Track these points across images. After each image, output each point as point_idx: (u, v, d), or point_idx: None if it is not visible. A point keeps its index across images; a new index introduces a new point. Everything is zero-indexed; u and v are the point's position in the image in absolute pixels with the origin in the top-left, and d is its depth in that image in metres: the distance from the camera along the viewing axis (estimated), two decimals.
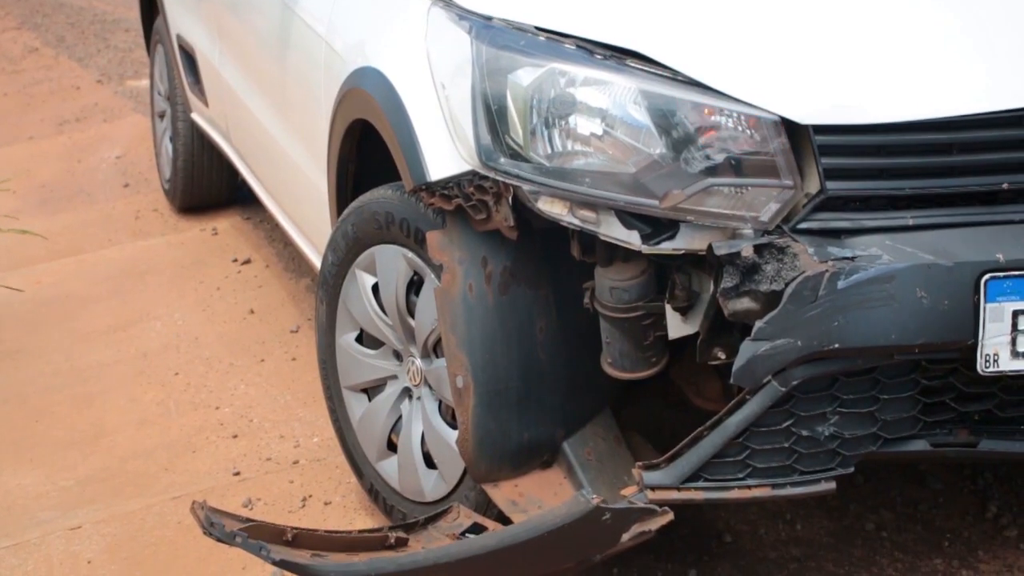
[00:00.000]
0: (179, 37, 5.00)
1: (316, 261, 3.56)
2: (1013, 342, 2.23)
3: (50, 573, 3.08)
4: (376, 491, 3.03)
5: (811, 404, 2.32)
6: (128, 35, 8.66)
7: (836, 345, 2.21)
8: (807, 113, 2.26)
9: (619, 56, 2.35)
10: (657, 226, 2.33)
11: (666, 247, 2.33)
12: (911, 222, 2.26)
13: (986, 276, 2.20)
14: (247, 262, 4.84)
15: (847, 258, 2.20)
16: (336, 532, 2.57)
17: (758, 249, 2.23)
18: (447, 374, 2.60)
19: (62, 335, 4.41)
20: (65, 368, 4.16)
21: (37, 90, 7.72)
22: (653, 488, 2.35)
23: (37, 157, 6.44)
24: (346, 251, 2.92)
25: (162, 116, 5.51)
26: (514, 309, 2.57)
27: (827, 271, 2.19)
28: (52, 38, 8.94)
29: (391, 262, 2.79)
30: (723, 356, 2.38)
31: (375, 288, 2.89)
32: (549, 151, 2.36)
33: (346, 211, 2.92)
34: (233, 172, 4.99)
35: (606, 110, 2.32)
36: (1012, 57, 2.33)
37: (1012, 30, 2.37)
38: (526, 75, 2.37)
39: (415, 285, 2.78)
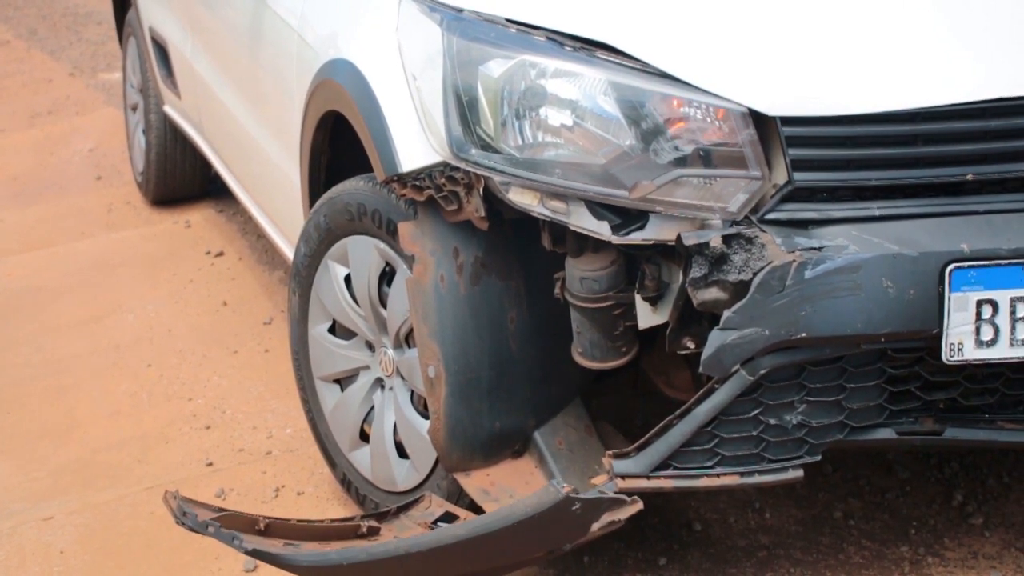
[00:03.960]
0: (151, 29, 4.99)
1: (289, 253, 3.57)
2: (977, 331, 2.26)
3: (23, 563, 3.08)
4: (349, 481, 3.04)
5: (779, 393, 2.34)
6: (100, 28, 8.62)
7: (803, 334, 2.23)
8: (774, 104, 2.28)
9: (589, 48, 2.36)
10: (627, 217, 2.35)
11: (635, 237, 2.34)
12: (877, 213, 2.28)
13: (951, 266, 2.22)
14: (220, 254, 4.84)
15: (814, 248, 2.23)
16: (309, 521, 2.58)
17: (726, 239, 2.25)
18: (419, 364, 2.61)
19: (34, 327, 4.40)
20: (37, 360, 4.15)
21: (8, 83, 7.68)
22: (623, 476, 2.37)
23: (9, 150, 6.41)
24: (318, 242, 2.93)
25: (134, 109, 5.50)
26: (485, 299, 2.59)
27: (794, 261, 2.21)
28: (24, 31, 8.89)
29: (363, 253, 2.80)
30: (692, 345, 2.40)
31: (347, 279, 2.90)
32: (520, 142, 2.38)
33: (318, 203, 2.92)
34: (206, 164, 4.99)
35: (576, 101, 2.34)
36: (976, 50, 2.35)
37: (977, 24, 2.40)
38: (497, 67, 2.39)
39: (387, 276, 2.79)
